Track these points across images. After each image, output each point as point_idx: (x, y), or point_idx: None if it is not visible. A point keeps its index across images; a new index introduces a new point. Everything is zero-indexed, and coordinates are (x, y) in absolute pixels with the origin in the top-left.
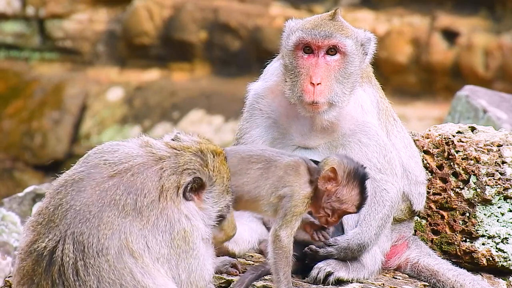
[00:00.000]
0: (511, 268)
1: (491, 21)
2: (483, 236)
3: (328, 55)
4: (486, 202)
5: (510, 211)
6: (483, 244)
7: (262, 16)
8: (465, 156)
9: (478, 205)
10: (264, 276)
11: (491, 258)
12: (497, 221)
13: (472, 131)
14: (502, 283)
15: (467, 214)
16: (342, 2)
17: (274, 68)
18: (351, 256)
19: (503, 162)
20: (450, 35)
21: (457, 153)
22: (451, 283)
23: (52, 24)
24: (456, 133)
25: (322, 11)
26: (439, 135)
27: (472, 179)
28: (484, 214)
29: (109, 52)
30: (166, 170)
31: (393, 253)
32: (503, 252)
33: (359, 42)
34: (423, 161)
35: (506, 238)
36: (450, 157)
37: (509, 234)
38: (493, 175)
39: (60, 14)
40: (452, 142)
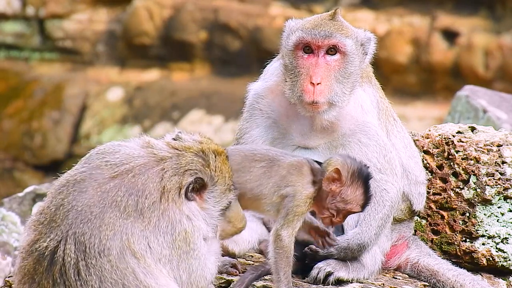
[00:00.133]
0: (511, 268)
1: (491, 21)
2: (483, 236)
3: (328, 55)
4: (486, 202)
5: (510, 211)
6: (483, 244)
7: (262, 16)
8: (465, 156)
9: (478, 205)
10: (264, 276)
11: (491, 258)
12: (497, 221)
13: (472, 131)
14: (502, 283)
15: (467, 214)
16: (342, 2)
17: (274, 68)
18: (351, 256)
19: (503, 162)
20: (450, 35)
21: (457, 153)
22: (451, 283)
23: (52, 24)
24: (456, 133)
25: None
26: (439, 135)
27: (472, 179)
28: (484, 214)
29: (109, 52)
30: (168, 171)
31: (393, 253)
32: (503, 252)
33: (359, 42)
34: (423, 161)
35: (506, 238)
36: (450, 157)
37: (509, 234)
38: (493, 175)
39: (60, 14)
40: (452, 142)
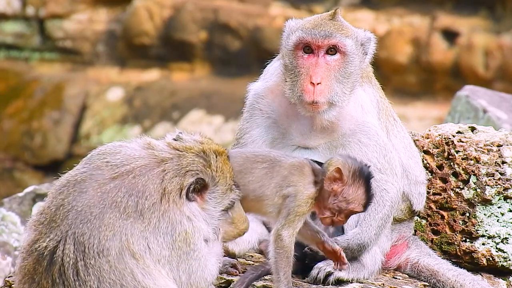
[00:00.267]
0: (511, 268)
1: (491, 21)
2: (483, 236)
3: (328, 55)
4: (486, 202)
5: (510, 211)
6: (483, 244)
7: (262, 16)
8: (465, 156)
9: (478, 205)
10: (264, 276)
11: (491, 258)
12: (497, 221)
13: (472, 131)
14: (502, 283)
15: (467, 214)
16: (342, 2)
17: (274, 68)
18: (351, 256)
19: (503, 162)
20: (450, 35)
21: (457, 153)
22: (451, 283)
23: (52, 24)
24: (456, 133)
25: (322, 11)
26: (439, 135)
27: (472, 179)
28: (484, 214)
29: (109, 52)
30: (169, 173)
31: (393, 253)
32: (503, 252)
33: (359, 42)
34: (423, 161)
35: (506, 238)
36: (450, 157)
37: (509, 234)
38: (493, 175)
39: (60, 14)
40: (452, 142)
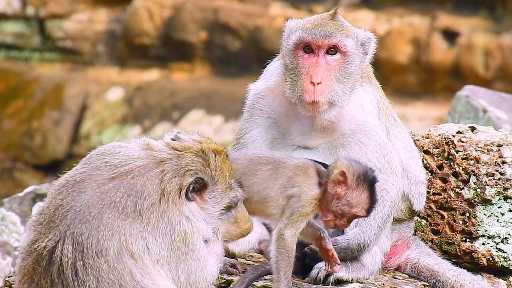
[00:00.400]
0: (511, 268)
1: (491, 21)
2: (483, 236)
3: (328, 55)
4: (486, 202)
5: (510, 211)
6: (483, 244)
7: (262, 16)
8: (465, 156)
9: (478, 205)
10: (264, 276)
11: (491, 258)
12: (497, 221)
13: (472, 131)
14: (502, 283)
15: (467, 214)
16: (342, 2)
17: (274, 68)
18: (351, 256)
19: (503, 162)
20: (450, 35)
21: (457, 153)
22: (451, 283)
23: (52, 24)
24: (456, 133)
25: (322, 11)
26: (439, 135)
27: (472, 179)
28: (484, 214)
29: (109, 52)
30: (168, 173)
31: (393, 253)
32: (503, 252)
33: (359, 42)
34: (423, 161)
35: (506, 238)
36: (450, 157)
37: (509, 234)
38: (493, 175)
39: (60, 14)
40: (452, 142)
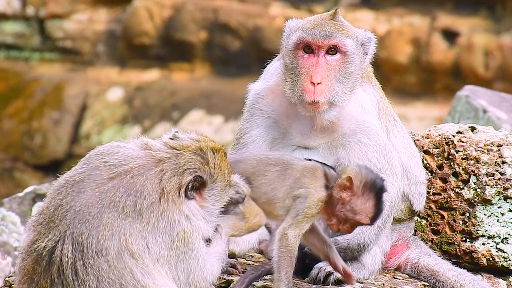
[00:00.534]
0: (511, 268)
1: (491, 21)
2: (483, 236)
3: (329, 55)
4: (486, 202)
5: (510, 211)
6: (483, 244)
7: (262, 16)
8: (465, 156)
9: (478, 205)
10: (264, 276)
11: (491, 258)
12: (497, 221)
13: (472, 131)
14: (502, 283)
15: (467, 214)
16: (342, 2)
17: (274, 68)
18: (351, 256)
19: (503, 162)
20: (450, 35)
21: (457, 153)
22: (451, 283)
23: (52, 24)
24: (456, 133)
25: (322, 11)
26: (439, 135)
27: (472, 179)
28: (484, 214)
29: (109, 52)
30: (167, 172)
31: (393, 253)
32: (503, 252)
33: (360, 42)
34: (423, 161)
35: (506, 238)
36: (450, 157)
37: (509, 234)
38: (493, 175)
39: (60, 14)
40: (452, 142)
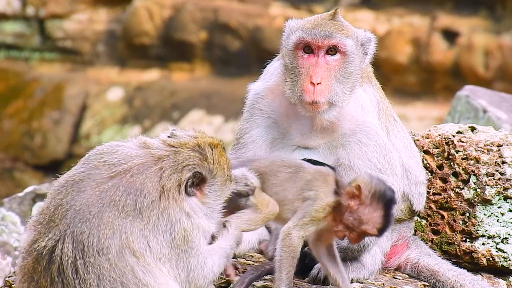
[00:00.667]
0: (511, 268)
1: (491, 21)
2: (483, 236)
3: (328, 55)
4: (486, 202)
5: (510, 211)
6: (483, 244)
7: (262, 16)
8: (465, 156)
9: (478, 205)
10: (264, 276)
11: (491, 258)
12: (497, 221)
13: (472, 131)
14: (502, 283)
15: (467, 214)
16: (342, 2)
17: (274, 68)
18: (351, 256)
19: (503, 162)
20: (450, 35)
21: (457, 153)
22: (451, 283)
23: (52, 24)
24: (456, 133)
25: (322, 11)
26: (439, 135)
27: (472, 179)
28: (484, 214)
29: (109, 52)
30: (166, 170)
31: (393, 253)
32: (503, 252)
33: (359, 42)
34: (423, 161)
35: (506, 238)
36: (450, 157)
37: (509, 234)
38: (493, 175)
39: (60, 14)
40: (452, 142)
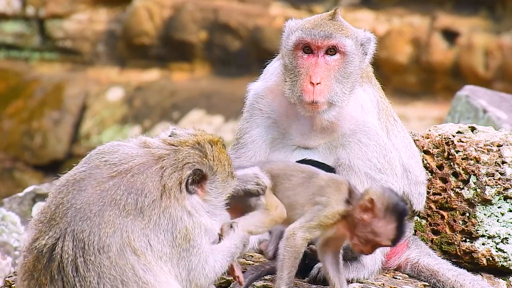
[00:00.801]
0: (511, 268)
1: (491, 21)
2: (483, 236)
3: (328, 55)
4: (486, 202)
5: (510, 211)
6: (483, 244)
7: (262, 16)
8: (465, 156)
9: (478, 205)
10: (264, 276)
11: (491, 258)
12: (497, 221)
13: (472, 131)
14: (502, 283)
15: (467, 214)
16: (342, 2)
17: (274, 68)
18: (351, 256)
19: (503, 162)
20: (450, 35)
21: (457, 153)
22: (451, 283)
23: (52, 24)
24: (456, 133)
25: (322, 11)
26: (439, 135)
27: (472, 179)
28: (484, 214)
29: (109, 52)
30: (167, 169)
31: (393, 253)
32: (503, 252)
33: (359, 42)
34: (423, 161)
35: (506, 238)
36: (450, 157)
37: (509, 234)
38: (493, 175)
39: (60, 14)
40: (452, 142)
